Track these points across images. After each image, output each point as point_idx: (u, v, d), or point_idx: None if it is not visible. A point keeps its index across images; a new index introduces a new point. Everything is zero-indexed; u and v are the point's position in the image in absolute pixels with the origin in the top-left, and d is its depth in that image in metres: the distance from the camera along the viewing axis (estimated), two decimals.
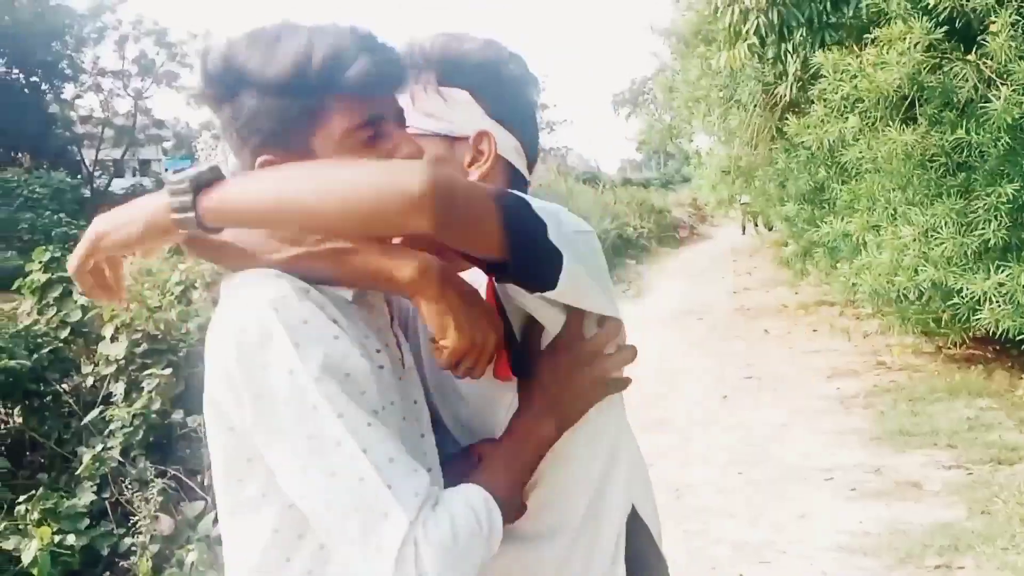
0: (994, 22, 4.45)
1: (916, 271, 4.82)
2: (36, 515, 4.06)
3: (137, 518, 4.24)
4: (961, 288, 4.68)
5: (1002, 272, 4.62)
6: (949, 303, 4.92)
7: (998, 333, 4.86)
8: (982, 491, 4.63)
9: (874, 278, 5.11)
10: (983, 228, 4.72)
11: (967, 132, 4.64)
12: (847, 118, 5.07)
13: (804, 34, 5.78)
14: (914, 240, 4.84)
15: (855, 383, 7.16)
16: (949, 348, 7.32)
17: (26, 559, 3.68)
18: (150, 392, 4.64)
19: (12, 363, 4.66)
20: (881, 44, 4.76)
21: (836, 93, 5.06)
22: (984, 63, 4.64)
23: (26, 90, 26.22)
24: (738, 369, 8.21)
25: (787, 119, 5.92)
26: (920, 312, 6.15)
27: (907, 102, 4.96)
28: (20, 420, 4.85)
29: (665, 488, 5.16)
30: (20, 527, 3.95)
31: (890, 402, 6.47)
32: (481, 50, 1.30)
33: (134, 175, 30.81)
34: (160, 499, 4.30)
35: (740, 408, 6.86)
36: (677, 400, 7.29)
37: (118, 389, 4.76)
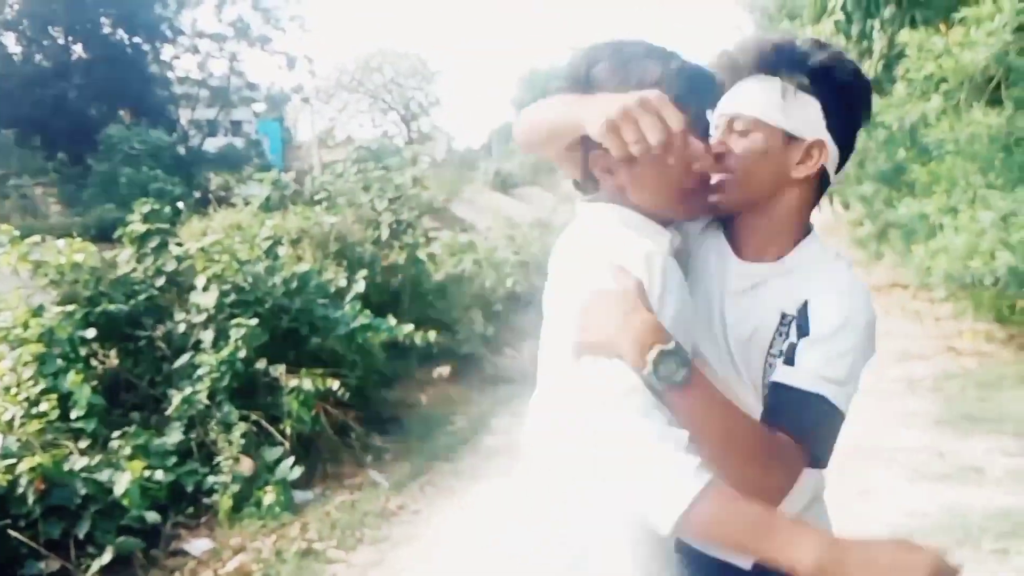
0: None
1: (993, 256, 4.66)
2: (128, 451, 4.23)
3: (220, 458, 4.39)
4: None
5: None
6: None
7: None
8: None
9: (949, 261, 4.95)
10: None
11: None
12: (930, 98, 4.90)
13: (893, 11, 5.59)
14: (993, 225, 4.67)
15: (924, 367, 6.98)
16: (1022, 336, 7.08)
17: (118, 491, 3.83)
18: (236, 340, 4.76)
19: (111, 307, 4.83)
20: (969, 24, 4.58)
21: (919, 72, 4.89)
22: None
23: (129, 50, 26.83)
24: None
25: None
26: (995, 298, 5.95)
27: (993, 83, 4.77)
28: (116, 362, 5.02)
29: None
30: (113, 461, 4.11)
31: (958, 387, 6.30)
32: (843, 70, 1.39)
33: (226, 135, 31.34)
34: (242, 442, 4.45)
35: None
36: None
37: (207, 337, 4.90)
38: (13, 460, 3.81)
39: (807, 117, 1.37)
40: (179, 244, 5.48)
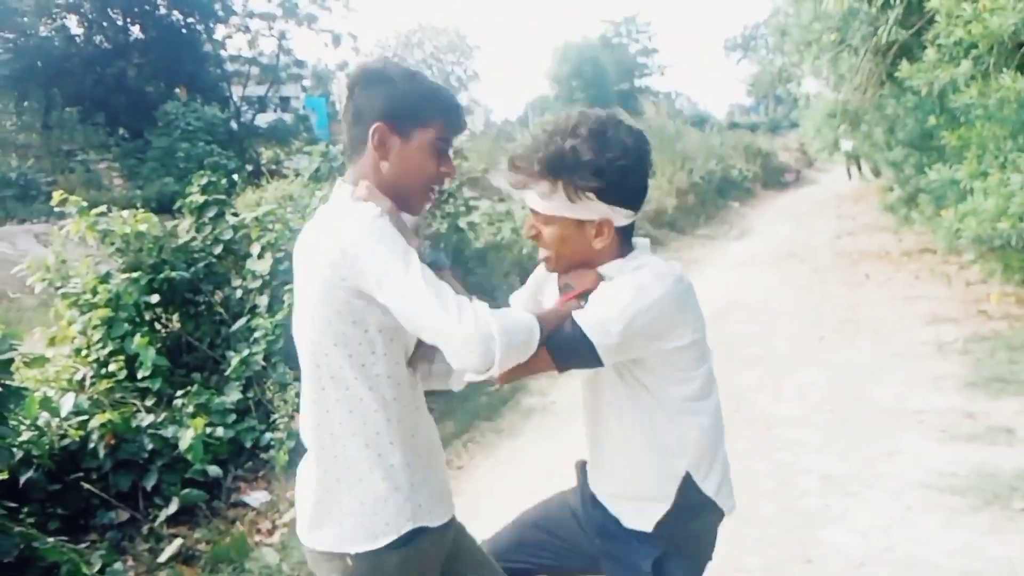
0: None
1: (1021, 218, 4.55)
2: (191, 409, 4.32)
3: (276, 416, 4.46)
4: None
5: None
6: None
7: None
8: None
9: (978, 223, 4.84)
10: None
11: None
12: (959, 63, 4.76)
13: None
14: (1022, 188, 4.56)
15: (954, 329, 6.84)
16: None
17: (182, 446, 3.91)
18: (290, 304, 4.80)
19: (173, 274, 4.90)
20: None
21: (949, 38, 4.75)
22: None
23: (183, 30, 26.99)
24: (837, 312, 7.96)
25: (898, 64, 5.60)
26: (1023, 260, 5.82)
27: (1023, 49, 4.63)
28: (179, 325, 5.11)
29: (756, 421, 5.11)
30: (177, 418, 4.20)
31: (988, 349, 6.15)
32: (612, 160, 1.68)
33: (275, 111, 31.48)
34: (296, 400, 4.50)
35: (835, 349, 6.68)
36: (775, 339, 7.14)
37: (262, 301, 4.95)
38: (85, 417, 3.91)
39: (590, 207, 1.71)
40: (235, 214, 5.53)
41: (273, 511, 4.11)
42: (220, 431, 4.26)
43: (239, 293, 5.12)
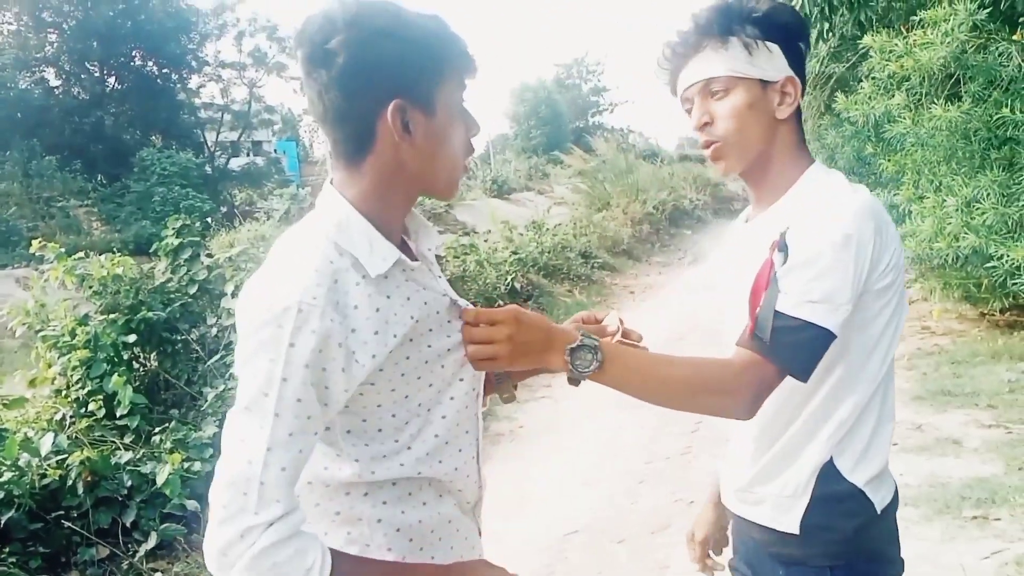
0: None
1: (957, 238, 4.60)
2: (168, 444, 4.21)
3: None
4: (1001, 255, 4.45)
5: None
6: (988, 267, 4.68)
7: None
8: (1020, 449, 4.42)
9: (917, 244, 4.88)
10: None
11: (1012, 111, 4.38)
12: (893, 95, 4.84)
13: (843, 14, 5.55)
14: (957, 210, 4.61)
15: (900, 345, 6.86)
16: (992, 314, 6.98)
17: (160, 481, 3.81)
18: None
19: (150, 314, 4.82)
20: (927, 25, 4.53)
21: (883, 72, 4.83)
22: None
23: (158, 80, 26.88)
24: None
25: (835, 96, 5.69)
26: (961, 278, 5.89)
27: (952, 80, 4.72)
28: (156, 363, 5.02)
29: (718, 438, 5.09)
30: (155, 454, 4.10)
31: (933, 364, 6.20)
32: (785, 12, 1.39)
33: (248, 155, 31.36)
34: None
35: None
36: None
37: (236, 338, 4.87)
38: (65, 456, 3.80)
39: (773, 62, 1.36)
40: (209, 255, 5.49)
41: None
42: (198, 465, 4.15)
43: (214, 330, 5.07)
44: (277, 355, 1.03)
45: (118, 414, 4.39)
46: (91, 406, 4.47)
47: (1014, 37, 4.45)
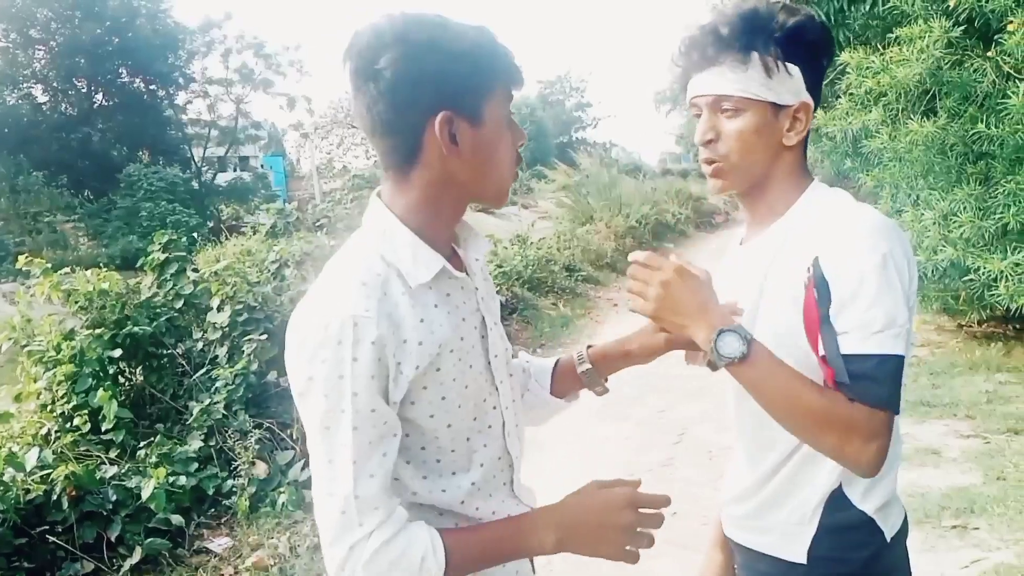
0: (1011, 21, 4.25)
1: (935, 251, 4.64)
2: (154, 459, 4.17)
3: (237, 463, 4.32)
4: (978, 267, 4.49)
5: (1019, 253, 4.41)
6: (966, 280, 4.72)
7: (1014, 310, 4.64)
8: (998, 459, 4.44)
9: None
10: (1002, 212, 4.50)
11: (987, 126, 4.43)
12: (870, 111, 4.89)
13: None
14: (934, 223, 4.66)
15: None
16: (970, 326, 7.02)
17: (145, 495, 3.78)
18: (249, 355, 4.72)
19: (136, 329, 4.78)
20: (903, 43, 4.58)
21: (860, 88, 4.88)
22: (1003, 60, 4.43)
23: (145, 97, 26.77)
24: None
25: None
26: (940, 290, 5.93)
27: (928, 96, 4.77)
28: (141, 378, 4.97)
29: (702, 450, 5.09)
30: (140, 468, 4.06)
31: (912, 375, 6.21)
32: (812, 30, 1.29)
33: (235, 170, 31.28)
34: (257, 447, 4.39)
35: None
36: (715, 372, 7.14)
37: (222, 352, 4.86)
38: (49, 470, 3.75)
39: (790, 85, 1.27)
40: (195, 270, 5.46)
41: (236, 556, 3.94)
42: (183, 479, 4.11)
43: (200, 345, 5.03)
44: (343, 371, 1.04)
45: (103, 428, 4.34)
46: (76, 420, 4.41)
47: (988, 54, 4.52)
